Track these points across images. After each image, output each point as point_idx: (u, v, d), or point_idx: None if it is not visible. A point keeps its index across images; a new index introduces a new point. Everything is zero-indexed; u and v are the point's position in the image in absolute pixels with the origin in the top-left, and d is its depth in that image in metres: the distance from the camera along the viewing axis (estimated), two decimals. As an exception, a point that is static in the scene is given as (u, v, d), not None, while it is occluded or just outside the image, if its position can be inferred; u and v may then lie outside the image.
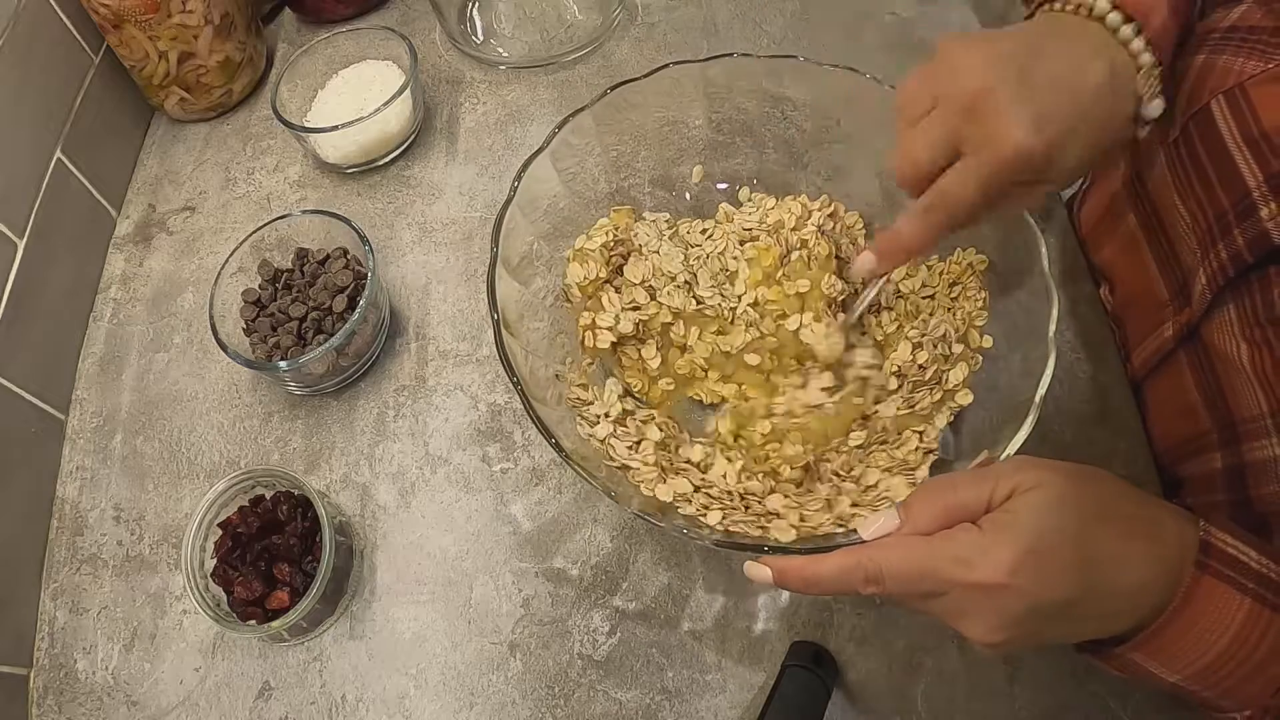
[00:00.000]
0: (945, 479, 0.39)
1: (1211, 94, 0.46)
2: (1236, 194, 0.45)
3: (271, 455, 0.63)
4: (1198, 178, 0.48)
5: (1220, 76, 0.46)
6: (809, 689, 0.49)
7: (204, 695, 0.55)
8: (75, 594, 0.59)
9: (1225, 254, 0.46)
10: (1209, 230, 0.48)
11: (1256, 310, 0.45)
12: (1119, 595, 0.37)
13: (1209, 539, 0.38)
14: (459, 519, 0.59)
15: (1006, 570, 0.35)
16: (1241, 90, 0.44)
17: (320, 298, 0.62)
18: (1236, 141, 0.44)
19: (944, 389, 0.54)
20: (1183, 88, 0.49)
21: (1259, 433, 0.47)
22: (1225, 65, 0.46)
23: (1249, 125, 0.44)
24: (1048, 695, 0.51)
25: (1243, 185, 0.44)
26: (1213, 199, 0.47)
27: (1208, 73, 0.47)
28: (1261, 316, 0.45)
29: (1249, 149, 0.44)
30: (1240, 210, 0.45)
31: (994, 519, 0.36)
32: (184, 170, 0.77)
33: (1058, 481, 0.37)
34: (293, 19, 0.87)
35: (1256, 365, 0.46)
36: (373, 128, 0.71)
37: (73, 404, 0.66)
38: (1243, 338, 0.47)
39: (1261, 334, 0.45)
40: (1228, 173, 0.45)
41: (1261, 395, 0.46)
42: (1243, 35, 0.45)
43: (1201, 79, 0.47)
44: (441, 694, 0.54)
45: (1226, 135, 0.45)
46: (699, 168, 0.65)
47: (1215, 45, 0.47)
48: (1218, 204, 0.47)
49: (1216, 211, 0.47)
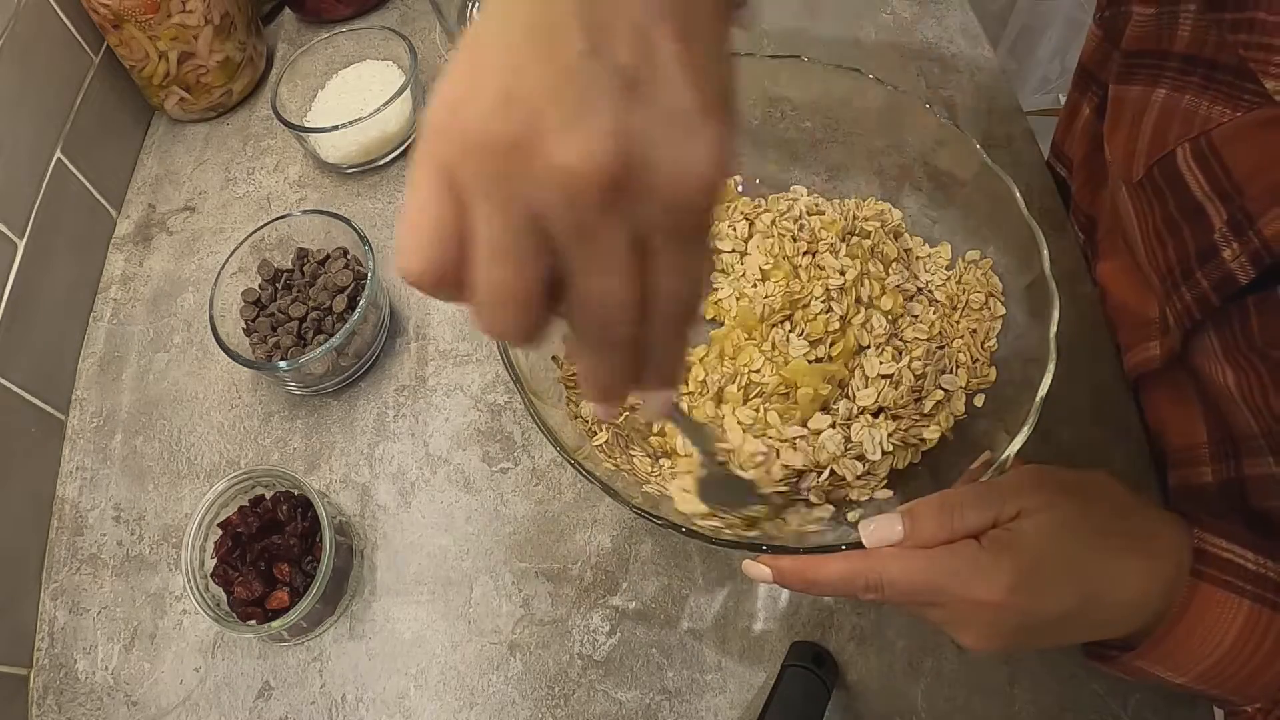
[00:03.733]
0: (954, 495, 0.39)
1: (1177, 141, 0.45)
2: (1201, 237, 0.44)
3: (271, 455, 0.63)
4: (1163, 220, 0.47)
5: (1184, 122, 0.44)
6: (809, 689, 0.49)
7: (204, 695, 0.55)
8: (75, 594, 0.59)
9: (1190, 296, 0.45)
10: (1170, 272, 0.47)
11: (1237, 338, 0.45)
12: (1114, 608, 0.38)
13: (1203, 546, 0.38)
14: (459, 519, 0.59)
15: (1004, 591, 0.36)
16: (1208, 140, 0.43)
17: (320, 298, 0.62)
18: (1205, 193, 0.43)
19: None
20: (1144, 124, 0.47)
21: (1256, 450, 0.47)
22: (1189, 108, 0.44)
23: (1218, 177, 0.42)
24: (1048, 695, 0.51)
25: (1208, 229, 0.43)
26: (1178, 242, 0.46)
27: (1171, 115, 0.45)
28: (1244, 345, 0.44)
29: (1219, 198, 0.43)
30: (1202, 252, 0.44)
31: (997, 537, 0.37)
32: (184, 170, 0.77)
33: (1064, 505, 0.37)
34: (293, 19, 0.87)
35: (1243, 390, 0.45)
36: (373, 128, 0.71)
37: (73, 404, 0.66)
38: (1227, 363, 0.46)
39: (1246, 360, 0.44)
40: (1194, 219, 0.44)
41: (1252, 419, 0.46)
42: (1204, 73, 0.43)
43: (1165, 121, 0.46)
44: (441, 694, 0.54)
45: (1193, 185, 0.44)
46: None
47: (1175, 79, 0.45)
48: (1182, 247, 0.46)
49: (1180, 254, 0.46)
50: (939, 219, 0.60)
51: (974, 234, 0.57)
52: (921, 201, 0.60)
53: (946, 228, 0.59)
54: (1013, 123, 0.72)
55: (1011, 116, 0.73)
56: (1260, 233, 0.40)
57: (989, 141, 0.71)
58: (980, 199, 0.56)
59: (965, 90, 0.74)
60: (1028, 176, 0.69)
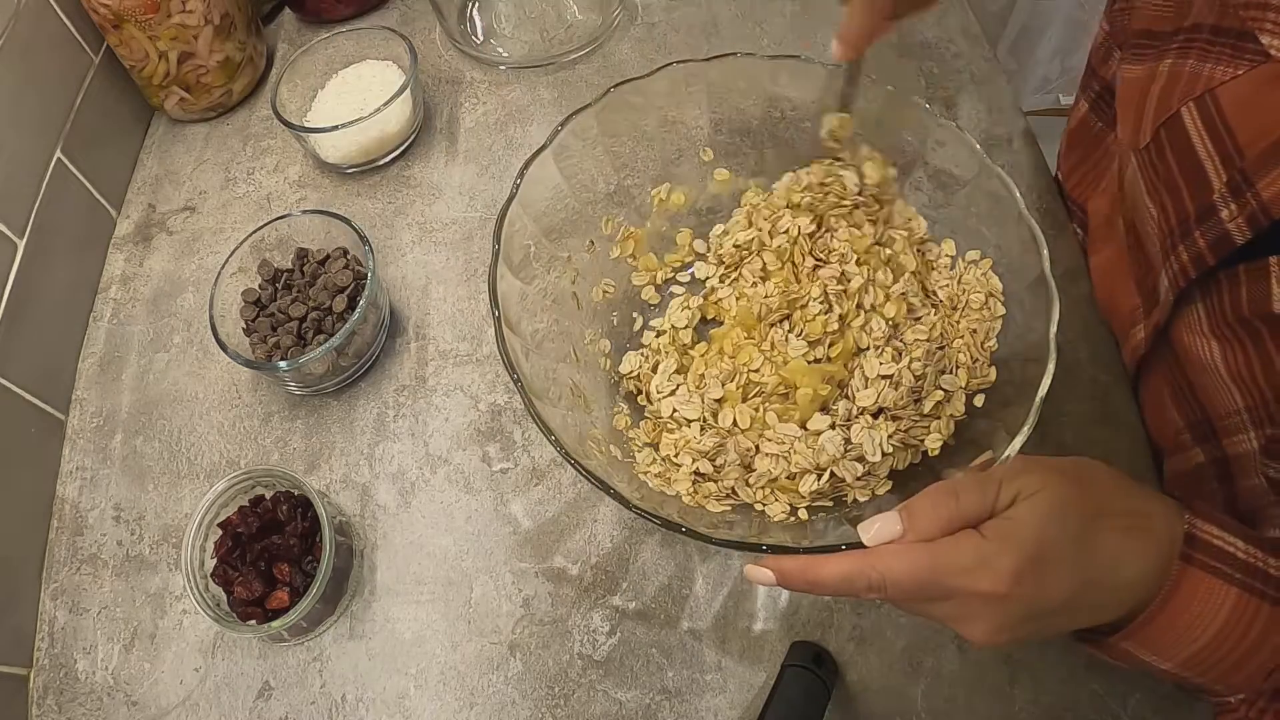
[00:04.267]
0: (948, 485, 0.39)
1: (1181, 100, 0.45)
2: (1200, 197, 0.44)
3: (271, 455, 0.63)
4: (1164, 181, 0.48)
5: (1189, 83, 0.45)
6: (809, 689, 0.49)
7: (204, 695, 0.55)
8: (75, 594, 0.59)
9: (1186, 255, 0.46)
10: (1171, 232, 0.47)
11: (1224, 309, 0.45)
12: (1113, 590, 0.38)
13: (1194, 531, 0.38)
14: (459, 519, 0.59)
15: (1010, 580, 0.35)
16: (1212, 96, 0.43)
17: (320, 298, 0.62)
18: (1208, 150, 0.44)
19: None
20: (1151, 92, 0.48)
21: (1236, 428, 0.47)
22: (1193, 71, 0.45)
23: (1220, 134, 0.43)
24: (1048, 695, 0.51)
25: (1208, 188, 0.44)
26: (1177, 202, 0.47)
27: (1176, 78, 0.46)
28: (1229, 315, 0.45)
29: (1220, 156, 0.43)
30: (1201, 212, 0.44)
31: (997, 527, 0.37)
32: (184, 170, 0.77)
33: (1059, 485, 0.37)
34: (293, 19, 0.87)
35: (1229, 363, 0.45)
36: (373, 128, 0.71)
37: (73, 404, 0.66)
38: (1213, 335, 0.46)
39: (1232, 332, 0.45)
40: (1195, 177, 0.45)
41: (1236, 392, 0.46)
42: (1207, 38, 0.44)
43: (1170, 85, 0.47)
44: (441, 694, 0.54)
45: (1198, 143, 0.44)
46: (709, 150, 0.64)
47: (1180, 48, 0.46)
48: (1182, 207, 0.46)
49: (1180, 214, 0.46)
50: (939, 219, 0.60)
51: (974, 234, 0.58)
52: (921, 201, 0.60)
53: (946, 228, 0.60)
54: (1012, 123, 0.72)
55: (1011, 116, 0.73)
56: (1259, 195, 0.40)
57: (989, 141, 0.71)
58: (980, 199, 0.56)
59: (965, 90, 0.74)
60: (1028, 176, 0.69)
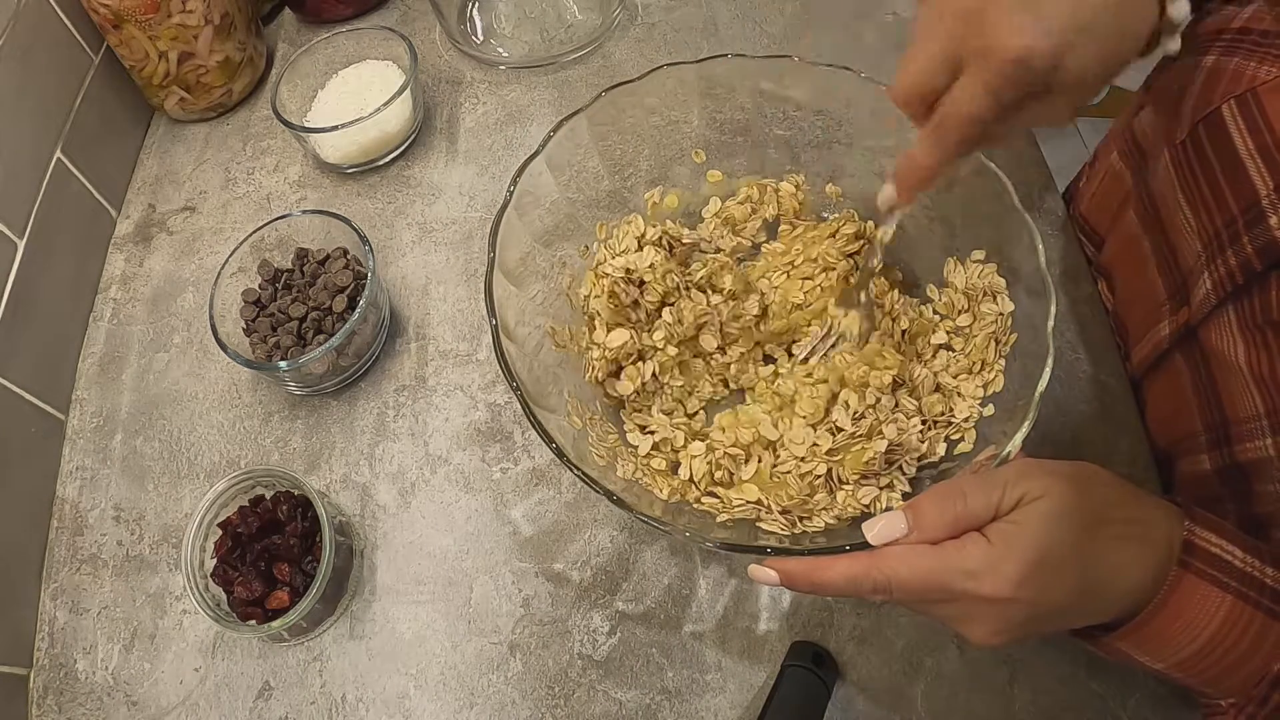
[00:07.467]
0: (954, 484, 0.39)
1: (1223, 98, 0.45)
2: (1246, 200, 0.44)
3: (271, 455, 0.63)
4: (1206, 181, 0.48)
5: (1232, 80, 0.45)
6: (809, 689, 0.49)
7: (204, 695, 0.55)
8: (75, 594, 0.59)
9: (1234, 260, 0.46)
10: (1216, 236, 0.47)
11: (1255, 312, 0.45)
12: (1111, 595, 0.38)
13: (1193, 539, 0.39)
14: (459, 519, 0.59)
15: (1013, 585, 0.36)
16: (1254, 95, 0.44)
17: (320, 298, 0.62)
18: (1249, 149, 0.44)
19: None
20: (1191, 88, 0.48)
21: (1254, 434, 0.47)
22: (1237, 69, 0.45)
23: (1263, 134, 0.43)
24: (1048, 695, 0.51)
25: (1253, 192, 0.44)
26: (1221, 204, 0.47)
27: (1219, 75, 0.46)
28: (1260, 319, 0.45)
29: (1261, 157, 0.43)
30: (1250, 217, 0.44)
31: (1001, 530, 0.37)
32: (184, 170, 0.77)
33: (1062, 490, 0.37)
34: (293, 19, 0.87)
35: (1254, 366, 0.46)
36: (372, 128, 0.71)
37: (73, 404, 0.66)
38: (1241, 338, 0.46)
39: (1260, 336, 0.45)
40: (1238, 179, 0.45)
41: (1258, 396, 0.46)
42: (1255, 39, 0.45)
43: (1212, 81, 0.47)
44: (441, 694, 0.54)
45: (1239, 142, 0.45)
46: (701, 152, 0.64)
47: (1226, 47, 0.47)
48: (1226, 210, 0.46)
49: (1225, 218, 0.46)
50: (939, 219, 0.60)
51: (973, 233, 0.57)
52: (921, 201, 0.60)
53: (946, 227, 0.59)
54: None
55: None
56: None
57: (988, 141, 0.71)
58: (979, 198, 0.56)
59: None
60: (1027, 176, 0.69)
